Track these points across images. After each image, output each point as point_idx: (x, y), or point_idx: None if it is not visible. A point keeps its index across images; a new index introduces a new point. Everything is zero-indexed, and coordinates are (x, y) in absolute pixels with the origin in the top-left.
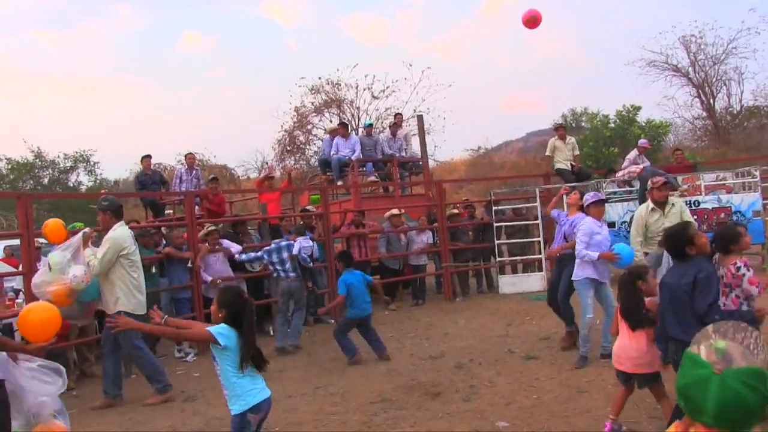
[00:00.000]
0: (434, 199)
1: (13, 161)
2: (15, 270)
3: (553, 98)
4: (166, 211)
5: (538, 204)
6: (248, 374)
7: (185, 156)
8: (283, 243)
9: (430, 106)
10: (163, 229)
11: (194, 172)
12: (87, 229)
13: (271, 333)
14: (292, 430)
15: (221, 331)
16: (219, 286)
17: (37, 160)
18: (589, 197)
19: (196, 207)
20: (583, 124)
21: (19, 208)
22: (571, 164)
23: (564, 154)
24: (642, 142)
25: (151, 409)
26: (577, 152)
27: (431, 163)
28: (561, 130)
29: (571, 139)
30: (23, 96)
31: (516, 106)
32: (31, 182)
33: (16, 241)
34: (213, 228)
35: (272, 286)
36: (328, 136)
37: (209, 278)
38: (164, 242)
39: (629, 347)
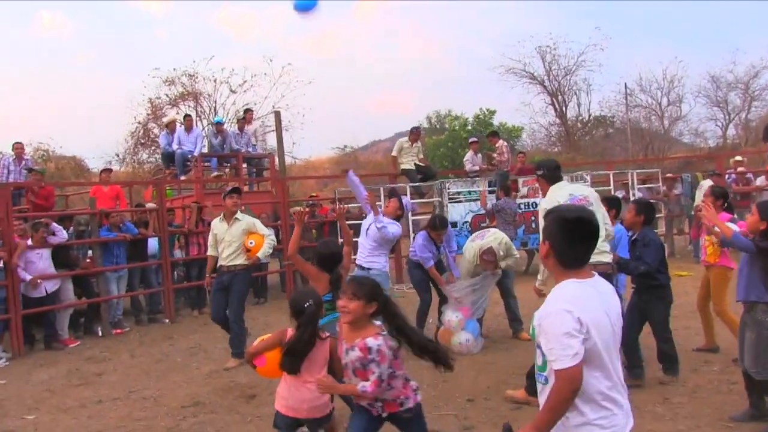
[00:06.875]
0: (277, 196)
1: None
2: None
3: (422, 99)
4: None
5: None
6: None
7: (13, 145)
8: None
9: (289, 103)
10: None
11: (23, 162)
12: None
13: (100, 333)
14: None
15: None
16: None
17: None
18: None
19: (22, 199)
20: (446, 125)
21: None
22: (417, 164)
23: (410, 156)
24: (471, 139)
25: None
26: (421, 155)
27: (289, 160)
28: (416, 133)
29: (417, 144)
30: None
31: (385, 106)
32: None
33: None
34: (38, 222)
35: (100, 283)
36: (165, 129)
37: (28, 277)
38: None
39: None
